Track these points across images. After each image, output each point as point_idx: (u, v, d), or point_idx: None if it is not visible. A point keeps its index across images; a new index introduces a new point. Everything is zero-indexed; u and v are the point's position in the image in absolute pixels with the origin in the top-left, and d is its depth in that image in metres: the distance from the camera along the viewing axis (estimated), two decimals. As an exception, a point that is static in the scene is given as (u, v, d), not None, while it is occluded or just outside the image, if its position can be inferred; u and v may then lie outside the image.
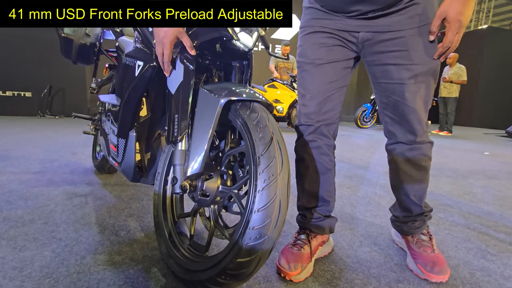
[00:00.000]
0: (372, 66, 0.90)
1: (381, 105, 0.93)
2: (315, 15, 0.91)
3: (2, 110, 5.76)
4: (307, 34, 0.93)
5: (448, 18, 0.76)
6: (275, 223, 0.62)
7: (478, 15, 11.41)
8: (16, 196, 1.41)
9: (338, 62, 0.91)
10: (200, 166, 0.76)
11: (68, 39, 1.53)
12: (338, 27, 0.88)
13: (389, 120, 0.92)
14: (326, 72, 0.91)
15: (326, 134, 0.95)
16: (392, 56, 0.84)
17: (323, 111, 0.93)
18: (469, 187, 2.03)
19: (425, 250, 0.95)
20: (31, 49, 5.75)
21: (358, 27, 0.86)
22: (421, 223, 0.99)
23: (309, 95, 0.93)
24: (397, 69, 0.84)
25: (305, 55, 0.93)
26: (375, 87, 0.93)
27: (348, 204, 1.54)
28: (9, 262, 0.87)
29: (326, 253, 1.02)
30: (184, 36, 0.76)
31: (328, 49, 0.90)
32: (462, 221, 1.39)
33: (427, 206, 1.00)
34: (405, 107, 0.86)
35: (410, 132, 0.89)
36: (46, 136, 3.31)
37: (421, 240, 0.98)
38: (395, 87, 0.86)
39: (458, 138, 5.52)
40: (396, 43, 0.83)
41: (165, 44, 0.76)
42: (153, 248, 0.99)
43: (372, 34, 0.85)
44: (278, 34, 7.87)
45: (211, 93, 0.76)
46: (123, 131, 1.06)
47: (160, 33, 0.75)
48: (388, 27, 0.83)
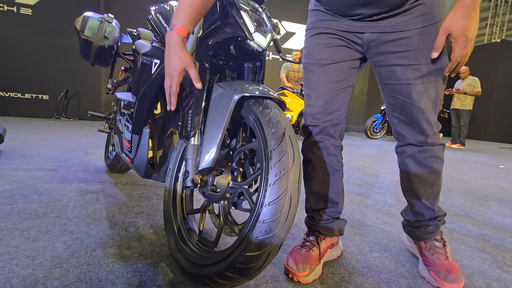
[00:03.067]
0: (378, 67, 0.90)
1: (388, 106, 0.93)
2: (320, 17, 0.93)
3: (21, 111, 5.97)
4: (313, 36, 0.94)
5: (453, 33, 0.75)
6: (286, 218, 0.62)
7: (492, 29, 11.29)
8: (31, 190, 1.45)
9: (343, 62, 0.91)
10: (212, 161, 0.77)
11: (88, 41, 1.59)
12: (343, 28, 0.89)
13: (398, 122, 0.91)
14: (331, 72, 0.91)
15: (333, 135, 0.95)
16: (398, 56, 0.84)
17: (329, 111, 0.93)
18: (484, 199, 1.97)
19: (439, 257, 0.92)
20: (50, 54, 5.98)
21: (363, 28, 0.86)
22: (434, 228, 0.96)
23: (314, 95, 0.94)
24: (403, 70, 0.84)
25: (310, 55, 0.94)
26: (382, 88, 0.92)
27: (358, 210, 1.52)
28: (22, 251, 0.89)
29: (335, 256, 1.00)
30: (191, 68, 0.77)
31: (334, 49, 0.91)
32: (476, 232, 1.35)
33: (440, 210, 0.97)
34: (413, 107, 0.85)
35: (420, 133, 0.88)
36: (61, 137, 3.40)
37: (435, 246, 0.95)
38: (402, 87, 0.85)
39: (471, 151, 5.39)
40: (402, 43, 0.83)
41: (173, 76, 0.76)
42: (162, 244, 1.00)
43: (377, 34, 0.85)
44: (289, 44, 7.96)
45: (225, 90, 0.78)
46: (137, 127, 1.08)
47: (170, 66, 0.76)
48: (393, 28, 0.82)
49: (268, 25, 0.95)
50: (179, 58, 0.75)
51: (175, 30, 0.76)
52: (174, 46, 0.75)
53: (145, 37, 1.54)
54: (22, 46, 5.81)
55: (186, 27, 0.76)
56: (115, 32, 1.68)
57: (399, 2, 0.79)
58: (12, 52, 5.77)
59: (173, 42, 0.75)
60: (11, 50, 5.75)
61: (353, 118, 9.02)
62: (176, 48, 0.75)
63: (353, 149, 4.37)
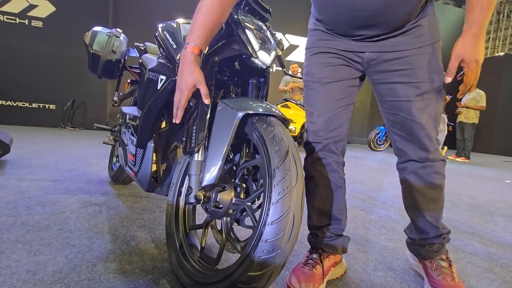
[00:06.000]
0: (378, 84, 0.91)
1: (388, 123, 0.93)
2: (320, 37, 0.95)
3: (28, 120, 6.06)
4: (313, 55, 0.96)
5: (465, 59, 0.78)
6: (289, 237, 0.62)
7: (495, 43, 11.37)
8: (34, 202, 1.46)
9: (344, 80, 0.93)
10: (215, 177, 0.78)
11: (96, 55, 1.63)
12: (343, 47, 0.91)
13: (398, 138, 0.92)
14: (332, 90, 0.93)
15: (335, 151, 0.95)
16: (397, 74, 0.86)
17: (330, 128, 0.94)
18: (490, 215, 1.94)
19: (445, 278, 0.90)
20: (58, 66, 6.12)
21: (363, 48, 0.88)
22: (439, 246, 0.94)
23: (316, 112, 0.95)
24: (403, 87, 0.86)
25: (311, 74, 0.96)
26: (381, 106, 0.94)
27: (362, 226, 1.50)
28: (24, 265, 0.89)
29: (338, 275, 0.98)
30: (201, 85, 0.79)
31: (334, 68, 0.93)
32: (483, 250, 1.32)
33: (444, 227, 0.96)
34: (414, 123, 0.86)
35: (421, 149, 0.88)
36: (66, 147, 3.44)
37: (440, 266, 0.93)
38: (402, 104, 0.87)
39: (476, 165, 5.33)
40: (401, 62, 0.85)
41: (183, 91, 0.79)
42: (163, 260, 0.99)
43: (377, 54, 0.87)
44: (292, 56, 8.07)
45: (229, 107, 0.79)
46: (141, 141, 1.09)
47: (182, 82, 0.79)
48: (393, 47, 0.85)
49: (272, 42, 0.97)
50: (191, 74, 0.78)
51: (188, 48, 0.79)
52: (187, 63, 0.79)
53: (151, 52, 1.58)
54: (32, 57, 5.96)
55: (199, 46, 0.79)
56: (123, 46, 1.72)
57: (399, 24, 0.82)
58: (22, 63, 5.92)
59: (186, 60, 0.79)
60: (21, 61, 5.91)
61: (357, 130, 9.02)
62: (189, 66, 0.78)
63: (357, 161, 4.34)
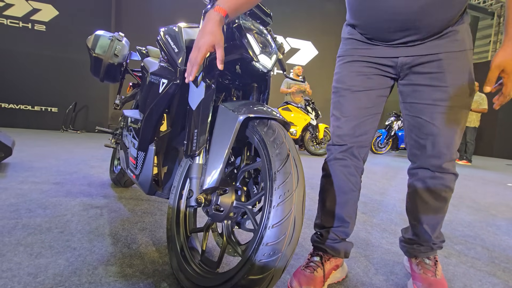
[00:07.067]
0: (404, 85, 0.91)
1: (408, 127, 0.93)
2: (354, 46, 0.94)
3: (30, 123, 6.09)
4: (346, 63, 0.96)
5: (506, 69, 0.77)
6: (290, 240, 0.62)
7: (495, 46, 11.39)
8: (36, 204, 1.46)
9: (373, 90, 0.93)
10: (216, 181, 0.78)
11: (98, 59, 1.64)
12: (378, 54, 0.90)
13: (414, 143, 0.91)
14: (361, 98, 0.93)
15: (357, 156, 0.95)
16: (427, 77, 0.85)
17: (356, 134, 0.94)
18: (492, 219, 1.93)
19: (426, 272, 0.93)
20: (61, 69, 6.16)
21: (398, 53, 0.87)
22: (427, 248, 0.96)
23: (344, 118, 0.95)
24: (429, 90, 0.85)
25: (342, 81, 0.96)
26: (404, 107, 0.93)
27: (363, 230, 1.49)
28: (25, 268, 0.89)
29: (339, 279, 0.98)
30: (220, 48, 0.78)
31: (366, 77, 0.92)
32: (486, 254, 1.31)
33: (439, 237, 0.97)
34: (433, 128, 0.85)
35: (435, 157, 0.87)
36: (67, 150, 3.45)
37: (424, 263, 0.95)
38: (425, 107, 0.86)
39: (478, 168, 5.31)
40: (433, 65, 0.84)
41: (201, 48, 0.77)
42: (164, 263, 0.99)
43: (411, 58, 0.86)
44: (293, 59, 8.09)
45: (230, 110, 0.79)
46: (143, 145, 1.10)
47: (201, 40, 0.78)
48: (427, 50, 0.84)
49: (273, 46, 0.97)
50: (212, 34, 0.77)
51: (216, 8, 0.78)
52: (211, 22, 0.78)
53: (153, 55, 1.59)
54: (35, 61, 6.00)
55: (227, 10, 0.79)
56: (125, 50, 1.74)
57: (439, 29, 0.81)
58: (25, 66, 5.96)
59: (211, 18, 0.78)
60: (24, 64, 5.95)
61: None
62: (212, 25, 0.77)
63: (358, 164, 4.32)
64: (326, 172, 0.99)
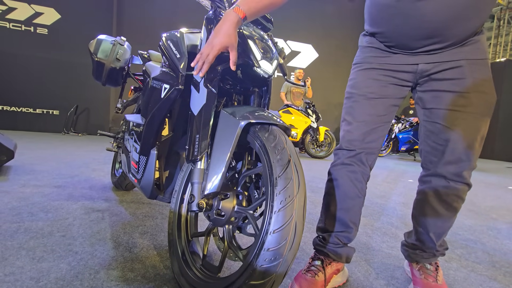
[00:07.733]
0: (423, 92, 0.89)
1: (425, 133, 0.91)
2: (373, 54, 0.94)
3: (31, 126, 6.12)
4: (363, 70, 0.95)
5: None
6: (291, 245, 0.62)
7: (496, 49, 11.40)
8: (37, 208, 1.47)
9: (388, 98, 0.93)
10: (218, 186, 0.78)
11: (101, 63, 1.66)
12: (397, 61, 0.89)
13: (430, 150, 0.90)
14: (375, 106, 0.93)
15: (365, 162, 0.95)
16: (448, 83, 0.84)
17: (366, 140, 0.94)
18: (493, 222, 1.93)
19: (427, 277, 0.93)
20: (63, 72, 6.20)
21: (418, 60, 0.87)
22: (430, 255, 0.96)
23: (356, 123, 0.94)
24: (449, 96, 0.84)
25: (358, 87, 0.95)
26: (423, 114, 0.91)
27: (364, 233, 1.50)
28: (27, 272, 0.89)
29: (340, 283, 0.98)
30: (233, 50, 0.79)
31: (382, 85, 0.92)
32: (487, 259, 1.31)
33: (443, 245, 0.97)
34: (452, 134, 0.84)
35: (452, 163, 0.85)
36: (69, 153, 3.46)
37: (426, 268, 0.96)
38: (446, 113, 0.85)
39: (478, 170, 5.30)
40: (455, 71, 0.83)
41: (214, 47, 0.78)
42: (165, 267, 0.99)
43: (432, 64, 0.85)
44: (293, 62, 8.12)
45: (232, 115, 0.80)
46: (145, 149, 1.11)
47: (216, 39, 0.78)
48: (449, 57, 0.84)
49: (274, 51, 0.98)
50: (228, 36, 0.78)
51: (235, 9, 0.79)
52: (228, 22, 0.78)
53: (155, 59, 1.60)
54: (37, 64, 6.04)
55: (246, 12, 0.80)
56: (127, 54, 1.75)
57: (463, 38, 0.81)
58: (27, 69, 6.00)
59: (230, 18, 0.79)
60: (26, 67, 5.99)
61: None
62: (229, 26, 0.78)
63: (359, 167, 4.32)
64: (332, 176, 0.98)
